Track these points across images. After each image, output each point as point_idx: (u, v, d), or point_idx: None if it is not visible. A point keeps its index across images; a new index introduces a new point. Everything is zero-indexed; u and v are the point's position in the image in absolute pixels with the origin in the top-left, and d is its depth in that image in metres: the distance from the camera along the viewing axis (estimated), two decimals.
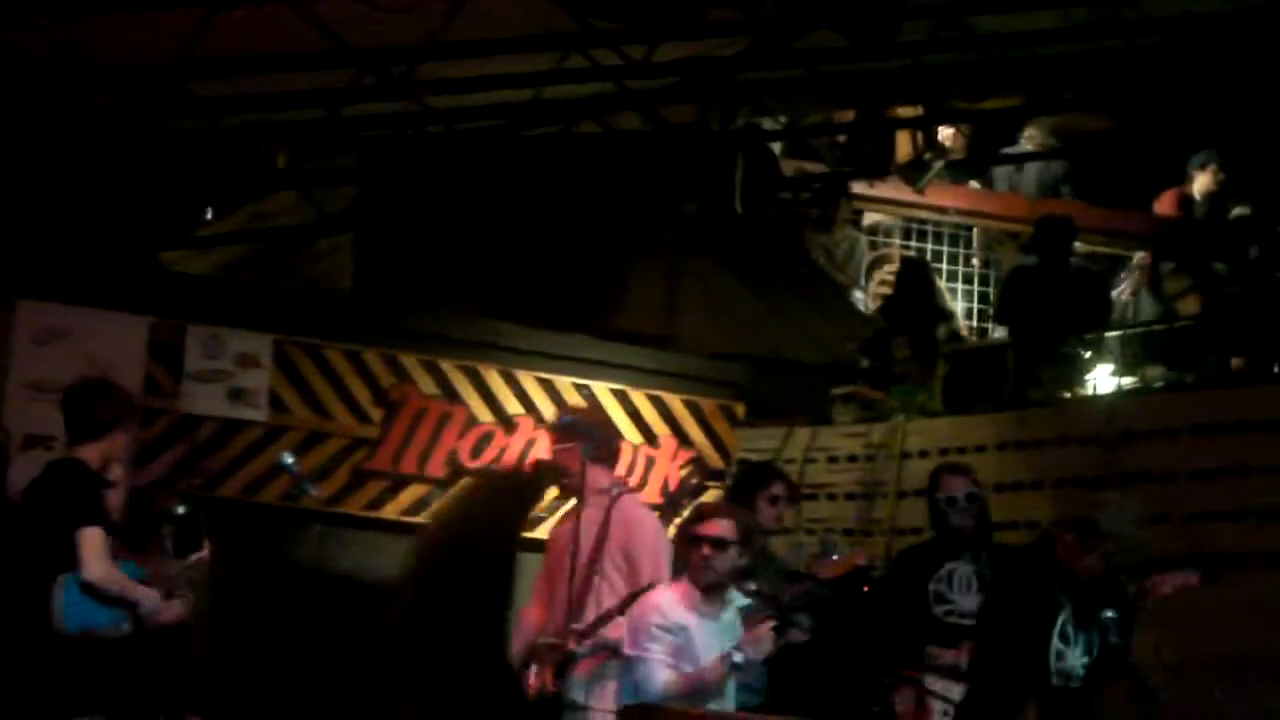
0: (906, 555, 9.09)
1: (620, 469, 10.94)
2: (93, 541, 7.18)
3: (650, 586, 7.62)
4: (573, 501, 8.10)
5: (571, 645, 7.74)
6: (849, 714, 7.32)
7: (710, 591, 7.41)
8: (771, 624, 7.39)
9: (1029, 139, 13.93)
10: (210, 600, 8.77)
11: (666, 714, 7.17)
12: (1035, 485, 10.18)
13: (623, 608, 7.68)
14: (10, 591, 7.27)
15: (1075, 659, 7.73)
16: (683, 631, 7.29)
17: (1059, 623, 7.70)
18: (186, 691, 7.62)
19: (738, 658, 7.17)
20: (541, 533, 8.67)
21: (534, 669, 7.98)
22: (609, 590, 7.88)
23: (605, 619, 7.77)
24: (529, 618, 8.16)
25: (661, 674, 7.20)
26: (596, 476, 8.09)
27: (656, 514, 8.38)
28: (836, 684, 8.23)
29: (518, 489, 2.91)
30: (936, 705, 8.00)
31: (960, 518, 8.63)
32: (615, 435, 8.70)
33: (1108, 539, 7.83)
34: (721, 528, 7.49)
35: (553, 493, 8.84)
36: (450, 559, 2.62)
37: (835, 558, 8.75)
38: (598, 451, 8.15)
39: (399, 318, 11.20)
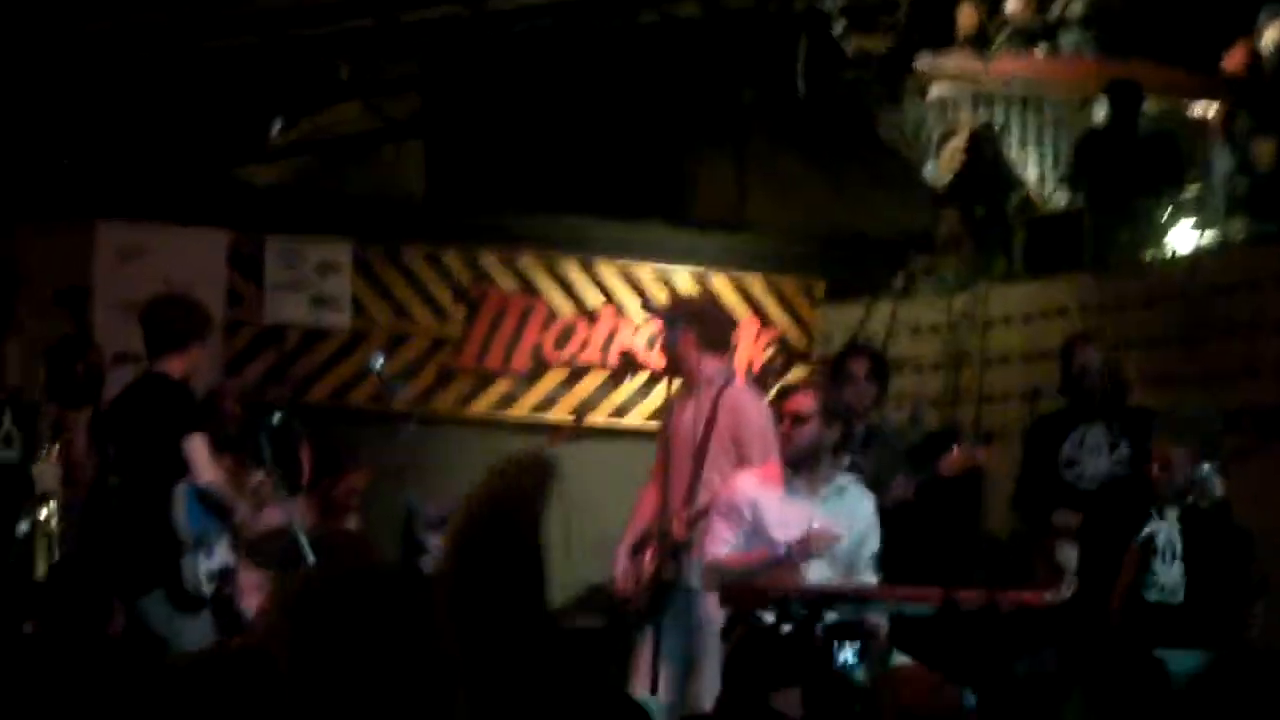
0: (1041, 422, 8.99)
1: None
2: (200, 449, 7.27)
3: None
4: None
5: (681, 533, 7.79)
6: (942, 579, 7.32)
7: (798, 467, 7.45)
8: (835, 534, 7.39)
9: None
10: None
11: (766, 589, 7.24)
12: (1121, 346, 10.13)
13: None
14: (121, 501, 7.37)
15: (1171, 575, 7.61)
16: (753, 509, 7.35)
17: (1148, 537, 7.60)
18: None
19: (780, 550, 7.22)
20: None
21: (648, 554, 8.05)
22: (719, 477, 7.92)
23: (708, 510, 7.83)
24: (644, 503, 8.22)
25: (717, 550, 7.28)
26: (708, 364, 8.08)
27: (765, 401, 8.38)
28: (936, 551, 8.26)
29: (538, 469, 2.95)
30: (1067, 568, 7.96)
31: (1093, 381, 8.62)
32: (728, 322, 8.68)
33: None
34: (800, 402, 7.53)
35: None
36: (482, 542, 2.65)
37: (956, 449, 8.68)
38: (710, 338, 8.13)
39: (475, 217, 11.24)
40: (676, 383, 8.09)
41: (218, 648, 5.79)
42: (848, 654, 6.69)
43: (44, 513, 7.44)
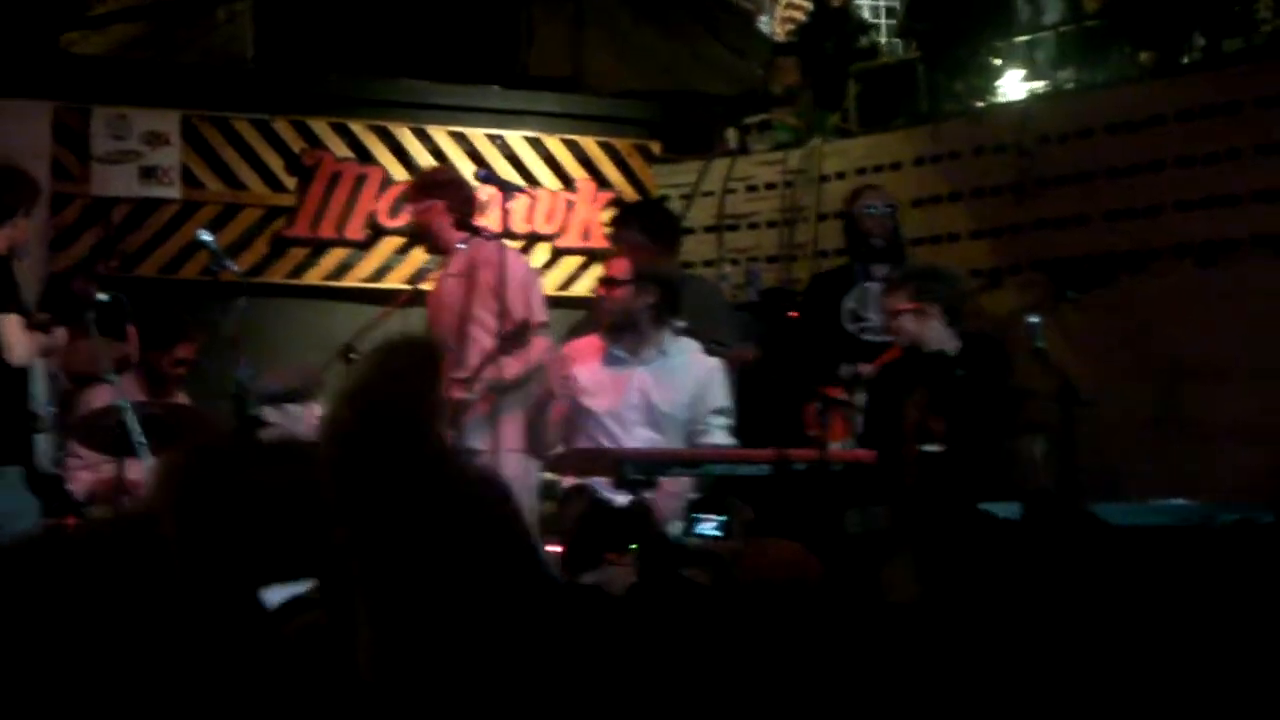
0: (821, 278, 9.16)
1: (540, 216, 11.01)
2: (11, 326, 7.14)
3: (525, 327, 7.70)
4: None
5: (459, 394, 7.78)
6: (783, 438, 7.37)
7: (616, 333, 7.49)
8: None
9: None
10: None
11: (600, 454, 7.27)
12: (953, 197, 10.21)
13: (504, 347, 7.74)
14: None
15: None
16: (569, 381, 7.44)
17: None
18: None
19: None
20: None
21: None
22: (484, 333, 7.93)
23: (488, 361, 7.83)
24: None
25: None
26: (458, 230, 8.18)
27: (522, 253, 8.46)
28: (769, 408, 8.31)
29: (417, 353, 2.90)
30: (856, 418, 8.03)
31: (876, 226, 8.72)
32: (468, 187, 8.66)
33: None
34: (612, 267, 7.59)
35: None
36: (364, 437, 2.61)
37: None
38: (455, 204, 8.23)
39: (305, 83, 11.06)
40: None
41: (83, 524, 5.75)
42: (709, 527, 6.74)
43: None
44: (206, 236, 8.44)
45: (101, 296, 7.61)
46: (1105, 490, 7.92)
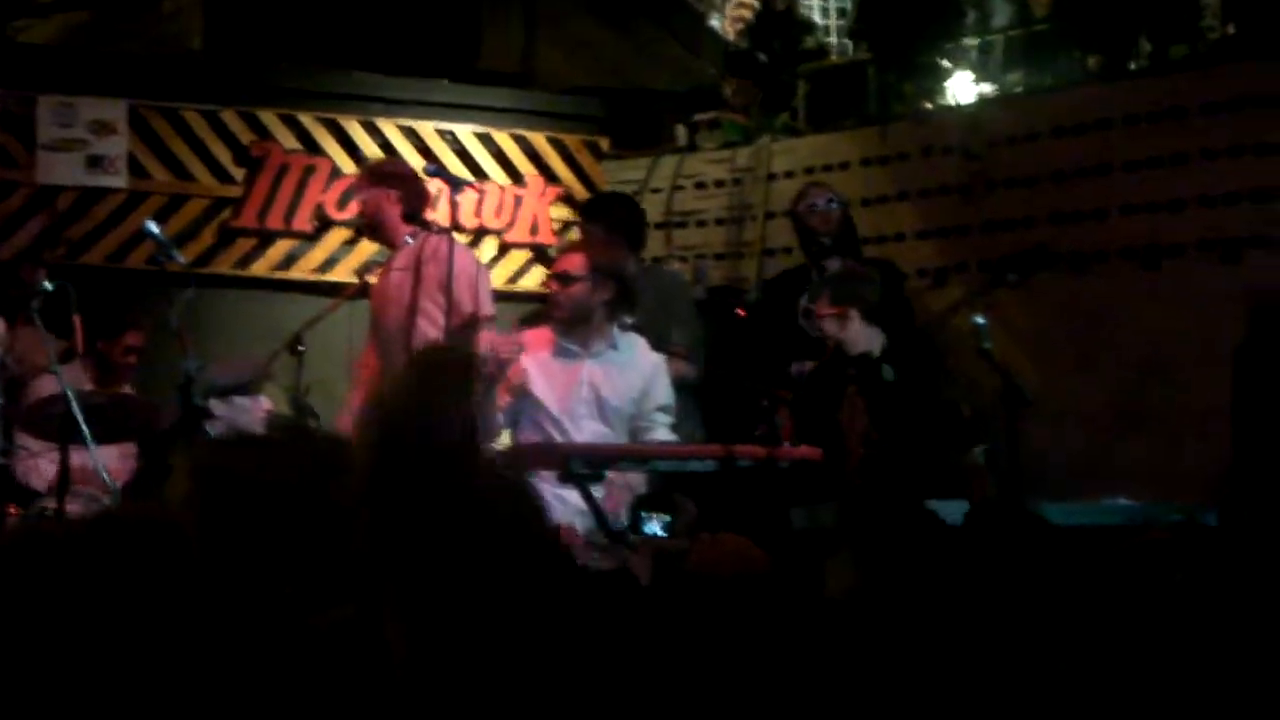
0: (777, 279, 9.19)
1: (489, 210, 11.00)
2: None
3: (473, 322, 7.69)
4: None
5: None
6: (734, 438, 7.40)
7: (568, 327, 7.49)
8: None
9: None
10: None
11: (548, 449, 7.27)
12: (901, 197, 10.25)
13: (451, 341, 7.74)
14: None
15: None
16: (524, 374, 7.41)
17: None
18: None
19: None
20: None
21: None
22: (431, 327, 7.93)
23: None
24: (363, 369, 8.24)
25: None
26: (405, 223, 8.18)
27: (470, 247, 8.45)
28: (721, 409, 8.33)
29: (447, 369, 2.93)
30: None
31: (821, 223, 8.76)
32: (419, 180, 8.64)
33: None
34: (568, 262, 7.58)
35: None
36: (395, 444, 2.64)
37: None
38: (411, 201, 8.22)
39: (255, 74, 11.01)
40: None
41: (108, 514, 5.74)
42: (655, 526, 6.75)
43: None
44: (153, 227, 8.41)
45: (46, 285, 7.57)
46: (1062, 488, 7.99)
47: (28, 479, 8.38)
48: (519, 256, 11.27)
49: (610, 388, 7.52)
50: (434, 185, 8.64)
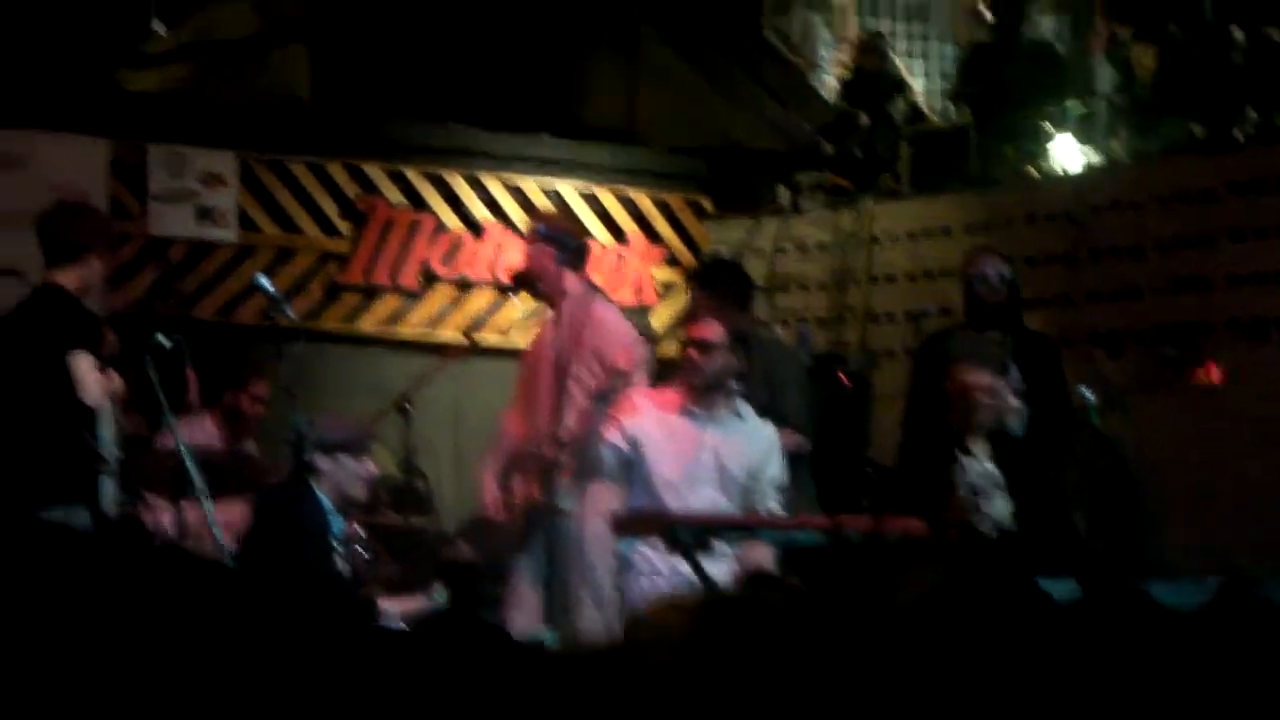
0: (932, 339, 8.97)
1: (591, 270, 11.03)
2: (84, 367, 7.19)
3: (621, 382, 7.68)
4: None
5: (552, 453, 7.80)
6: (840, 505, 7.40)
7: (701, 394, 7.49)
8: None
9: None
10: None
11: (654, 516, 7.28)
12: None
13: (600, 409, 7.75)
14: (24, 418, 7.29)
15: (996, 508, 7.69)
16: (634, 441, 7.41)
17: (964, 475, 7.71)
18: None
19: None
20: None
21: (517, 478, 8.06)
22: (583, 394, 7.94)
23: (584, 422, 7.84)
24: (509, 426, 8.23)
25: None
26: (567, 281, 8.13)
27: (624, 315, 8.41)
28: (826, 478, 8.32)
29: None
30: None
31: (988, 294, 8.61)
32: (583, 237, 8.67)
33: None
34: (706, 330, 7.56)
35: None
36: None
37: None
38: (567, 255, 8.18)
39: (362, 128, 11.13)
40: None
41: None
42: None
43: None
44: (264, 281, 8.46)
45: (162, 340, 7.64)
46: (1179, 565, 7.92)
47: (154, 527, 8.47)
48: None
49: (731, 456, 7.52)
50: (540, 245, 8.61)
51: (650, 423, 7.49)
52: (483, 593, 8.40)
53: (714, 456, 7.48)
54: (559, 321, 8.02)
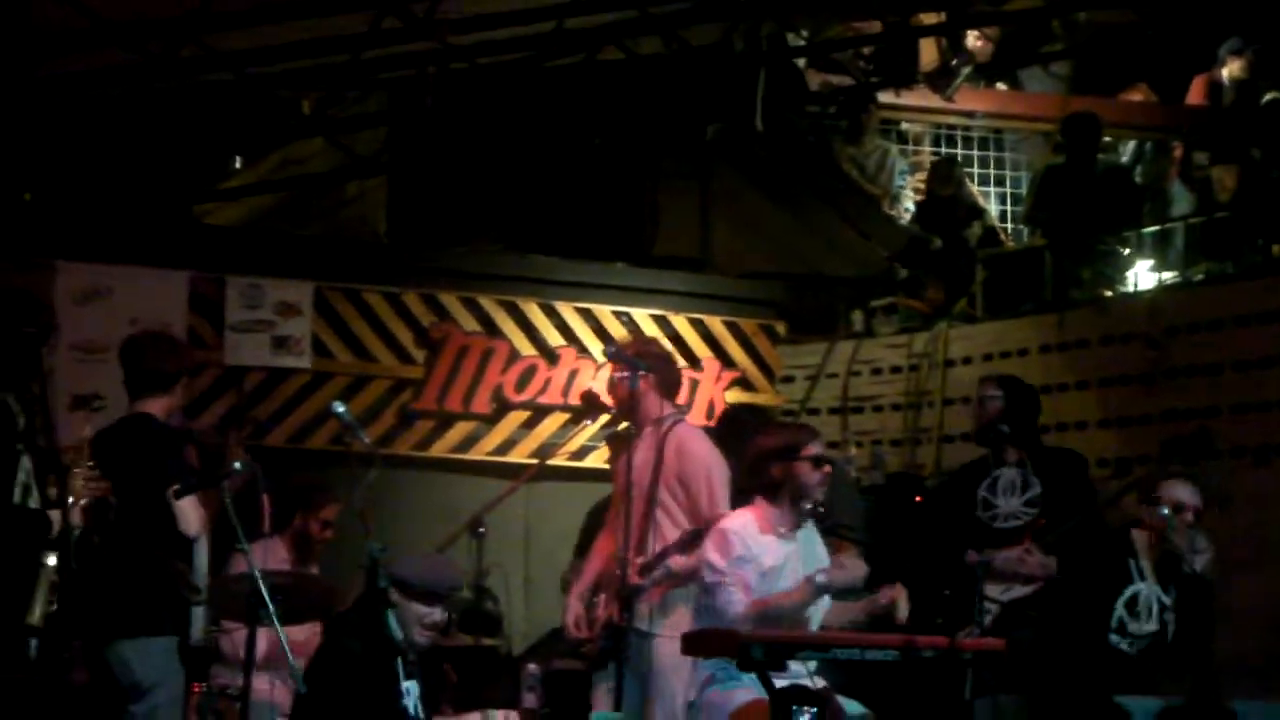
0: (963, 469, 9.02)
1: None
2: (186, 500, 7.23)
3: (707, 526, 7.63)
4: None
5: (635, 579, 7.78)
6: (913, 626, 7.32)
7: (790, 509, 7.43)
8: (855, 550, 7.44)
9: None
10: None
11: (727, 635, 7.21)
12: (1081, 386, 10.18)
13: (682, 545, 7.74)
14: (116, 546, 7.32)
15: (1141, 627, 7.71)
16: (761, 556, 7.31)
17: (1126, 594, 7.71)
18: None
19: (821, 579, 7.20)
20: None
21: (601, 599, 8.06)
22: (668, 520, 7.91)
23: (665, 554, 7.84)
24: (601, 547, 8.23)
25: (738, 600, 7.21)
26: (651, 405, 8.13)
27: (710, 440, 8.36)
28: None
29: None
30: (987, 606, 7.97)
31: (993, 412, 8.64)
32: (672, 364, 8.66)
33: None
34: (819, 448, 7.53)
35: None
36: None
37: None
38: (667, 383, 8.19)
39: (436, 257, 11.23)
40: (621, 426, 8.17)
41: None
42: (805, 718, 6.69)
43: (51, 559, 7.33)
44: (340, 408, 8.48)
45: (237, 465, 7.66)
46: (1250, 687, 7.80)
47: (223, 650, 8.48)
48: None
49: (806, 570, 7.49)
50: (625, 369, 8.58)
51: (760, 548, 7.41)
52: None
53: (794, 570, 7.45)
54: (646, 447, 8.02)
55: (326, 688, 7.25)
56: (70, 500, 6.91)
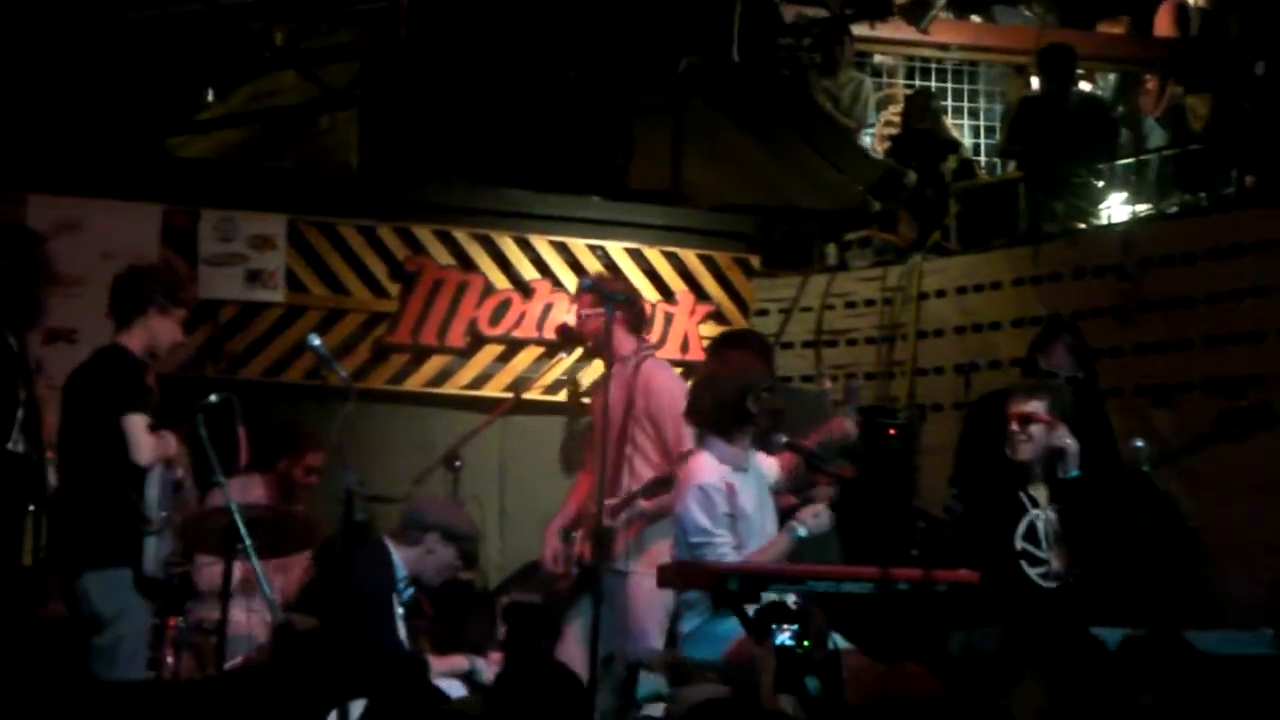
0: (983, 400, 8.87)
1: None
2: (136, 427, 7.25)
3: (676, 464, 7.65)
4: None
5: (607, 520, 7.81)
6: (886, 558, 7.34)
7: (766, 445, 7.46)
8: (829, 494, 7.46)
9: None
10: None
11: (702, 568, 7.24)
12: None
13: (650, 489, 7.79)
14: (71, 478, 7.32)
15: (1055, 558, 7.63)
16: (744, 505, 7.34)
17: (1022, 526, 7.68)
18: None
19: (800, 530, 7.24)
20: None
21: (579, 534, 8.10)
22: (640, 457, 7.96)
23: (633, 498, 7.89)
24: (579, 486, 8.27)
25: (730, 559, 7.23)
26: (621, 341, 8.15)
27: (681, 375, 8.39)
28: (875, 531, 8.27)
29: None
30: None
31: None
32: (639, 299, 8.68)
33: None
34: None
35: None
36: None
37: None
38: (622, 316, 8.20)
39: (410, 191, 11.18)
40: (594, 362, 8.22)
41: None
42: (784, 636, 6.71)
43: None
44: (316, 341, 8.46)
45: (211, 399, 7.67)
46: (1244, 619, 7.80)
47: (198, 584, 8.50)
48: None
49: (762, 490, 7.53)
50: (594, 306, 8.60)
51: (730, 479, 7.43)
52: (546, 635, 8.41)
53: (760, 495, 7.48)
54: (617, 384, 8.04)
55: (323, 617, 7.31)
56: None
